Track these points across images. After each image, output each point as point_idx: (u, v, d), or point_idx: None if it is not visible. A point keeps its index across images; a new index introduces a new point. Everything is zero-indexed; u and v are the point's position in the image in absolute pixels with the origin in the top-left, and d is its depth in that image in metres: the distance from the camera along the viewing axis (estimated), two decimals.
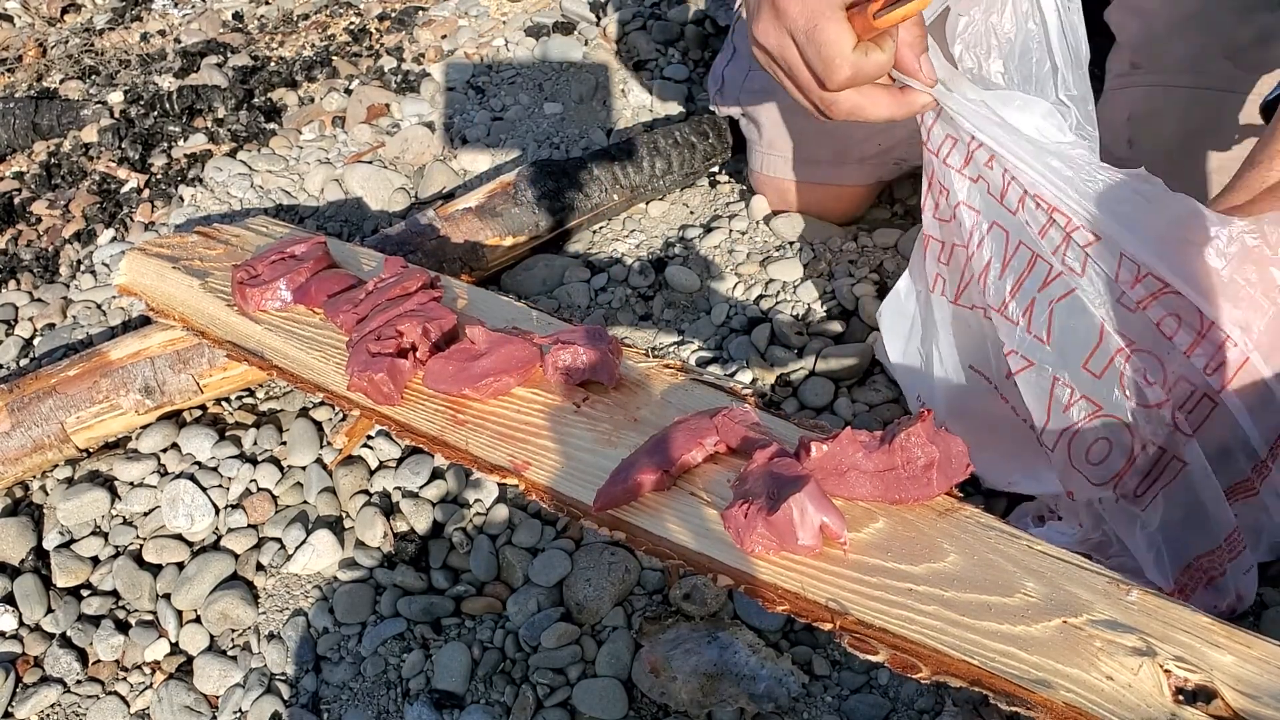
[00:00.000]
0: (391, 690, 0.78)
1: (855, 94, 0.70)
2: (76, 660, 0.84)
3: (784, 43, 0.70)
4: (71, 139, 1.47)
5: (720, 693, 0.73)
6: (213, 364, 0.95)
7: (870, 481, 0.59)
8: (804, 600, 0.55)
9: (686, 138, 1.21)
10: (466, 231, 1.08)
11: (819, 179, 1.12)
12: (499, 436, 0.71)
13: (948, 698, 0.72)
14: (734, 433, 0.63)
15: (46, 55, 1.75)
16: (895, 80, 0.72)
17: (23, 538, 0.92)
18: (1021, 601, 0.52)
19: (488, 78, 1.45)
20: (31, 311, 1.19)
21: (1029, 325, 0.71)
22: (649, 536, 0.61)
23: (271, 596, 0.86)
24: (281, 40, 1.68)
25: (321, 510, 0.91)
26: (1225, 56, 0.89)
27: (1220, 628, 0.50)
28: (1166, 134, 0.95)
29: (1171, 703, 0.47)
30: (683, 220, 1.20)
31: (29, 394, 0.93)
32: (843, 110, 0.71)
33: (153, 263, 0.97)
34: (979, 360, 0.81)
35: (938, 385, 0.84)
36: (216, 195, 1.31)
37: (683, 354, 1.02)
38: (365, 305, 0.81)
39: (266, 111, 1.47)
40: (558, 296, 1.10)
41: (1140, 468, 0.68)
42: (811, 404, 0.95)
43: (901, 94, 0.71)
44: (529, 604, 0.81)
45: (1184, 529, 0.69)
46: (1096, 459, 0.70)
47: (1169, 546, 0.69)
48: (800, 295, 1.05)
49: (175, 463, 0.96)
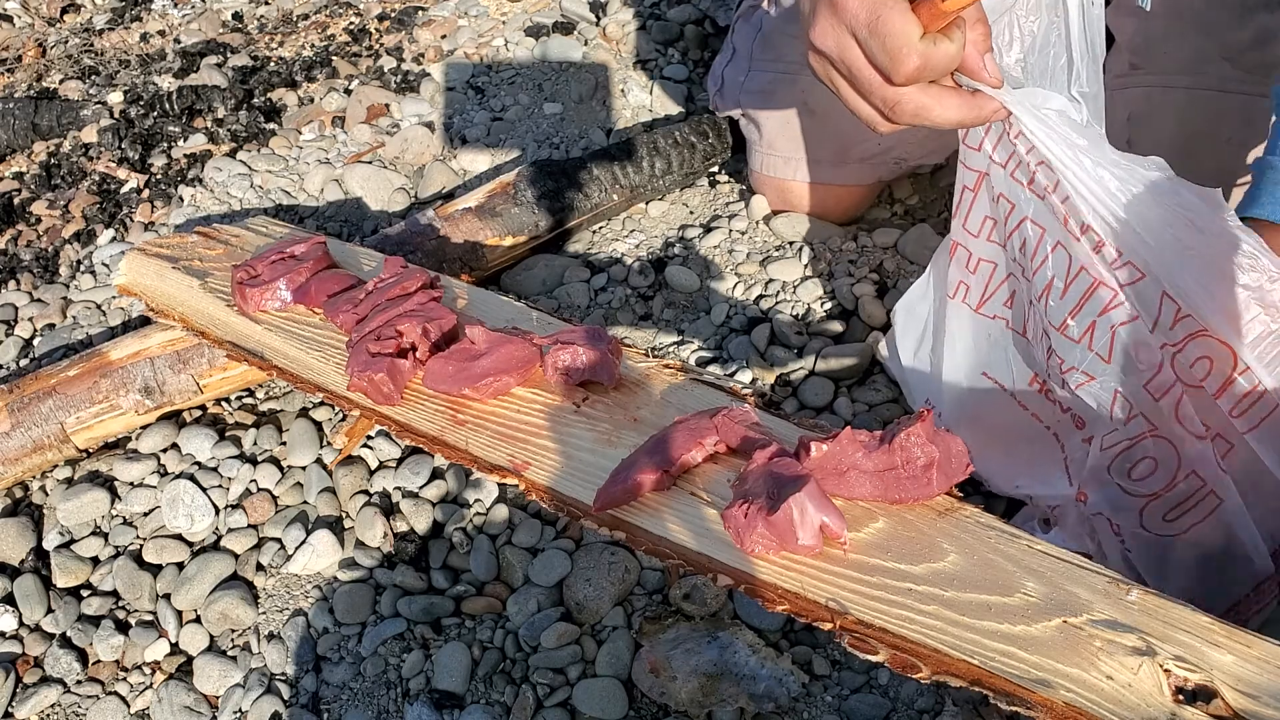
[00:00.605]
0: (391, 690, 0.78)
1: (921, 94, 0.65)
2: (76, 660, 0.84)
3: (844, 42, 0.65)
4: (71, 139, 1.47)
5: (720, 692, 0.73)
6: (212, 364, 0.95)
7: (870, 481, 0.59)
8: (804, 600, 0.55)
9: (686, 138, 1.21)
10: (466, 231, 1.08)
11: (819, 179, 1.12)
12: (499, 436, 0.71)
13: (948, 697, 0.72)
14: (734, 432, 0.63)
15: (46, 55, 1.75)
16: (959, 84, 0.68)
17: (23, 538, 0.92)
18: (1021, 601, 0.52)
19: (487, 78, 1.45)
20: (31, 312, 1.19)
21: (1090, 343, 0.70)
22: (649, 536, 0.61)
23: (271, 596, 0.86)
24: (281, 40, 1.68)
25: (321, 510, 0.91)
26: (1223, 57, 0.89)
27: (1220, 627, 0.50)
28: (1165, 134, 0.95)
29: (1171, 702, 0.47)
30: (682, 220, 1.20)
31: (29, 394, 0.93)
32: (908, 111, 0.66)
33: (152, 263, 0.97)
34: (996, 368, 0.81)
35: (947, 389, 0.84)
36: (216, 195, 1.31)
37: (682, 354, 1.02)
38: (365, 305, 0.81)
39: (266, 112, 1.47)
40: (558, 296, 1.10)
41: (1178, 494, 0.69)
42: (811, 404, 0.95)
43: (972, 97, 0.67)
44: (529, 604, 0.81)
45: (1212, 571, 0.69)
46: (1140, 475, 0.70)
47: (1199, 588, 0.69)
48: (800, 295, 1.05)
49: (175, 463, 0.96)
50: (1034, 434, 0.80)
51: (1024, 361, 0.79)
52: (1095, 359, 0.70)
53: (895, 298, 1.03)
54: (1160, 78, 0.94)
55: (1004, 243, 0.76)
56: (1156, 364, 0.68)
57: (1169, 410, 0.67)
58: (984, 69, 0.65)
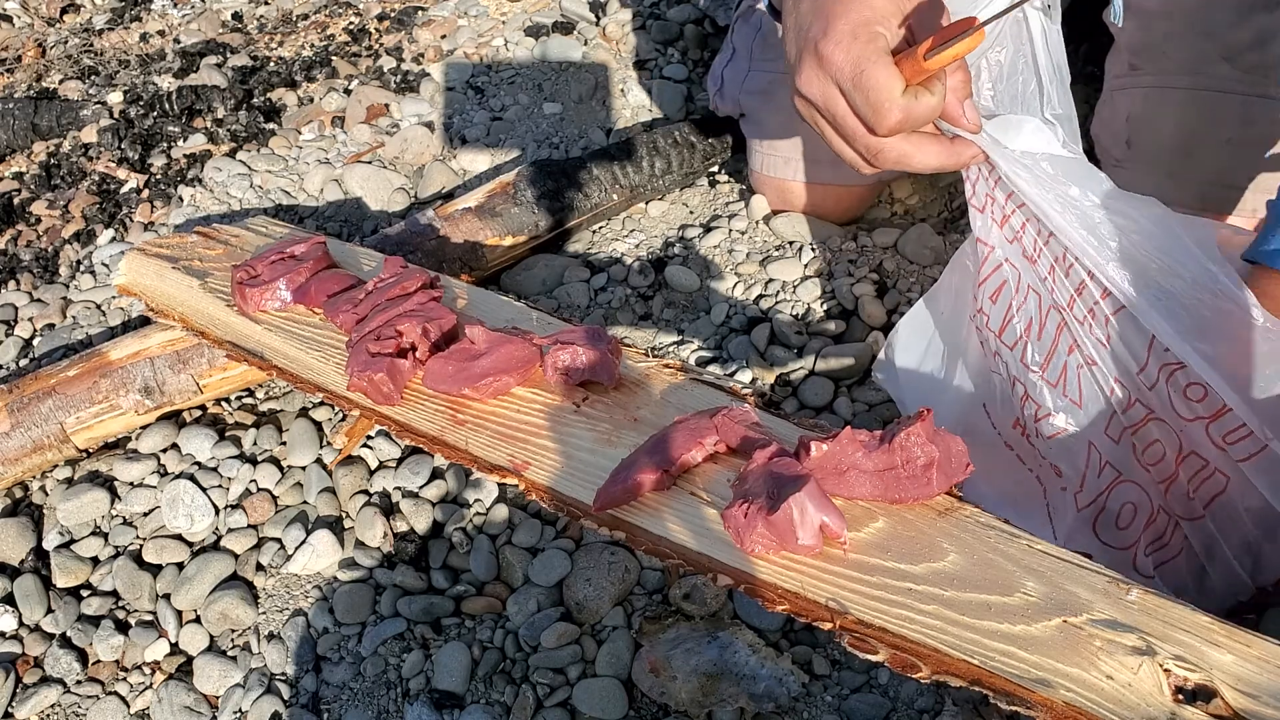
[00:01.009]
0: (391, 690, 0.78)
1: (903, 142, 0.67)
2: (76, 660, 0.84)
3: (829, 92, 0.67)
4: (71, 139, 1.47)
5: (720, 692, 0.73)
6: (212, 364, 0.95)
7: (870, 481, 0.59)
8: (804, 600, 0.55)
9: (686, 137, 1.21)
10: (466, 231, 1.08)
11: (818, 179, 1.12)
12: (499, 436, 0.71)
13: (948, 697, 0.72)
14: (734, 432, 0.63)
15: (46, 56, 1.75)
16: (941, 130, 0.69)
17: (22, 538, 0.92)
18: (1021, 601, 0.52)
19: (487, 77, 1.45)
20: (31, 312, 1.19)
21: (1064, 389, 0.71)
22: (649, 536, 0.61)
23: (271, 596, 0.86)
24: (281, 40, 1.68)
25: (321, 510, 0.91)
26: (1223, 58, 0.89)
27: (1220, 627, 0.50)
28: (1165, 135, 0.95)
29: (1171, 702, 0.47)
30: (682, 220, 1.20)
31: (29, 394, 0.93)
32: (890, 159, 0.68)
33: (152, 263, 0.97)
34: (992, 403, 0.81)
35: (945, 413, 0.83)
36: (216, 195, 1.31)
37: (682, 354, 1.02)
38: (365, 305, 0.81)
39: (266, 112, 1.47)
40: (557, 296, 1.10)
41: (1153, 533, 0.69)
42: (811, 403, 0.95)
43: (951, 144, 0.69)
44: (529, 604, 0.81)
45: (1213, 585, 0.70)
46: (1124, 524, 0.70)
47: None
48: (800, 295, 1.05)
49: (175, 463, 0.96)
50: (1020, 476, 0.80)
51: (1013, 401, 0.79)
52: (1070, 404, 0.70)
53: (895, 298, 1.03)
54: (1159, 78, 0.94)
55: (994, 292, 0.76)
56: (1119, 402, 0.68)
57: (1127, 451, 0.68)
58: (963, 116, 0.67)
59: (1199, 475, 0.67)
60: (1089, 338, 0.69)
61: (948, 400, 0.83)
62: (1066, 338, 0.70)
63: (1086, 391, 0.70)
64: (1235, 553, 0.69)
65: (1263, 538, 0.68)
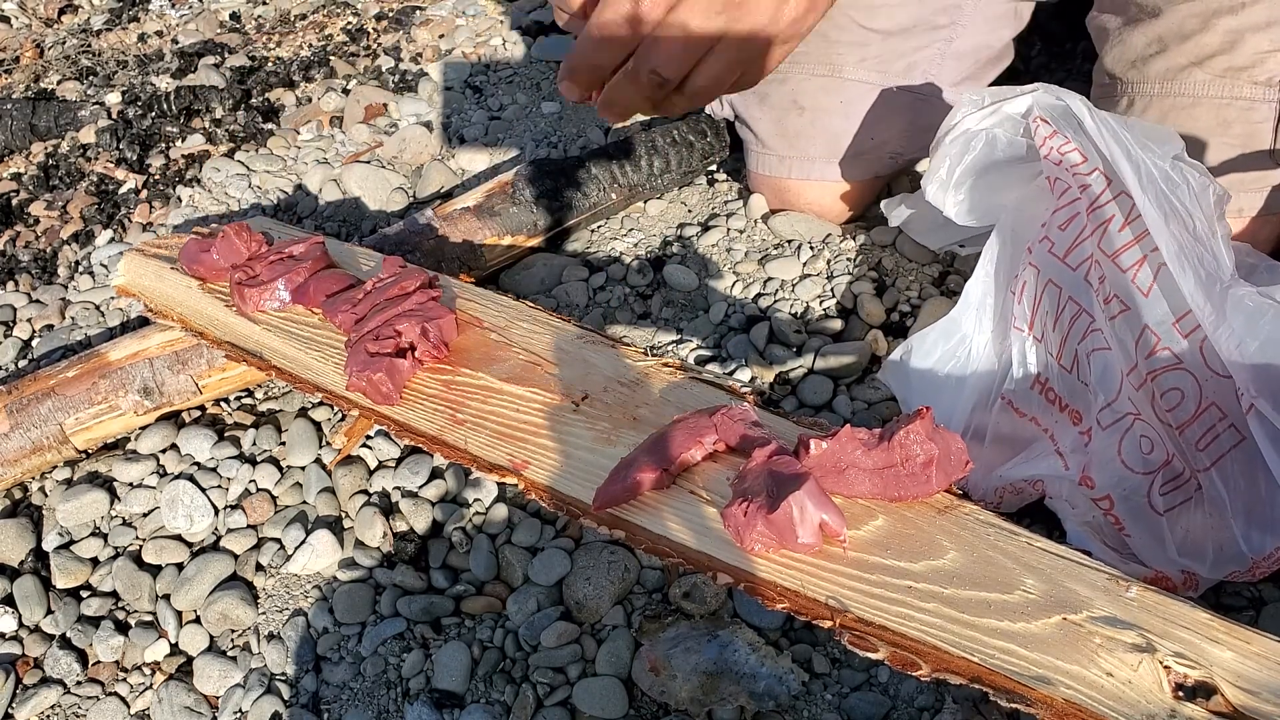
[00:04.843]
0: (391, 690, 0.78)
1: None
2: (76, 661, 0.84)
3: None
4: (69, 140, 1.47)
5: (720, 691, 0.73)
6: (211, 365, 0.95)
7: (869, 479, 0.59)
8: (803, 598, 0.55)
9: (684, 137, 1.21)
10: (465, 231, 1.08)
11: (814, 176, 1.12)
12: (498, 435, 0.71)
13: (947, 695, 0.72)
14: (733, 431, 0.63)
15: (44, 56, 1.75)
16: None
17: (22, 539, 0.92)
18: (1021, 598, 0.52)
19: (485, 77, 1.45)
20: (30, 313, 1.19)
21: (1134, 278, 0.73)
22: (648, 535, 0.61)
23: (271, 597, 0.86)
24: (279, 40, 1.68)
25: (321, 510, 0.91)
26: (1192, 64, 0.89)
27: (1220, 624, 0.50)
28: None
29: (1171, 699, 0.47)
30: (681, 219, 1.20)
31: (28, 395, 0.93)
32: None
33: (151, 263, 0.97)
34: (1011, 385, 0.82)
35: (958, 412, 0.84)
36: (214, 196, 1.31)
37: (681, 352, 1.02)
38: (364, 305, 0.81)
39: (264, 112, 1.47)
40: (556, 295, 1.10)
41: (1170, 472, 0.71)
42: (810, 402, 0.95)
43: None
44: (529, 603, 0.81)
45: (1209, 548, 0.70)
46: (1146, 451, 0.72)
47: (1197, 564, 0.71)
48: (799, 293, 1.05)
49: (174, 463, 0.96)
50: (1028, 436, 0.80)
51: (1034, 364, 0.79)
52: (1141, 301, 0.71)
53: (894, 296, 1.03)
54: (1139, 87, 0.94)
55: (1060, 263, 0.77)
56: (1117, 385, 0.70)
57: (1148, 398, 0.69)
58: None
59: (1213, 430, 0.69)
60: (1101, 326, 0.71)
61: (966, 396, 0.83)
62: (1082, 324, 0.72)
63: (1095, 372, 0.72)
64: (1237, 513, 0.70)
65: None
